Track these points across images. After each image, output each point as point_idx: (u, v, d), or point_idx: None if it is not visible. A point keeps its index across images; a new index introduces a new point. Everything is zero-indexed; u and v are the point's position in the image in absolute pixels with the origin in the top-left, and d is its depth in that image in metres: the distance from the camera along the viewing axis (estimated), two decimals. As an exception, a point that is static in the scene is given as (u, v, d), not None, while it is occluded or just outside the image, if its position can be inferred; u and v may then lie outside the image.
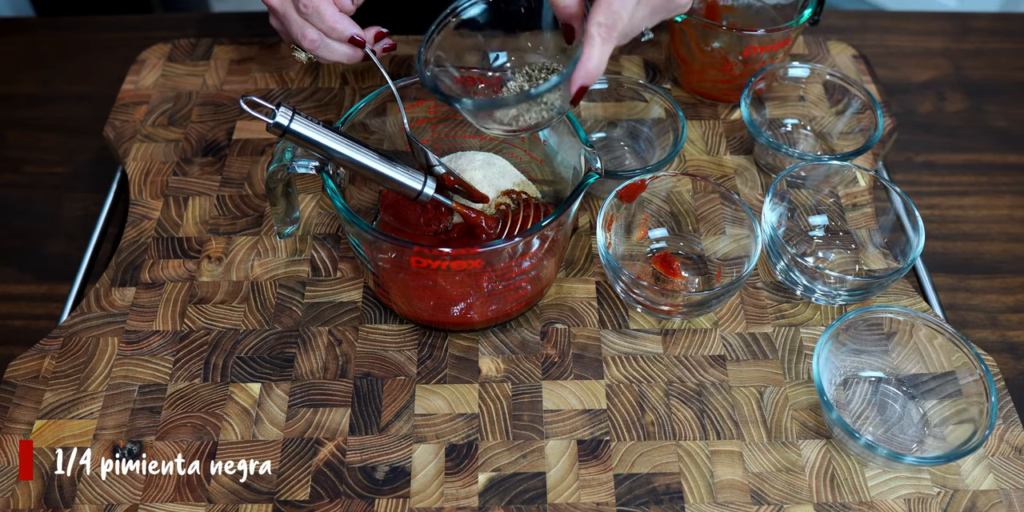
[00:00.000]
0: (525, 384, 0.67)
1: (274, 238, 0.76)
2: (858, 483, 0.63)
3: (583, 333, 0.70)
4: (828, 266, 0.75)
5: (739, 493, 0.62)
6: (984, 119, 0.95)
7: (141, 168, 0.82)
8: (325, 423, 0.65)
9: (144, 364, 0.68)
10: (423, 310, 0.68)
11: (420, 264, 0.60)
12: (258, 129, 0.85)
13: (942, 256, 0.82)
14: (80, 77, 0.98)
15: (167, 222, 0.78)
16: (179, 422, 0.65)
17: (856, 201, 0.77)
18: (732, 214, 0.72)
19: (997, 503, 0.62)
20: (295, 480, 0.63)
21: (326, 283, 0.73)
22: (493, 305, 0.66)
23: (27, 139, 0.92)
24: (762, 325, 0.71)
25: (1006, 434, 0.65)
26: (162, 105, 0.87)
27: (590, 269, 0.74)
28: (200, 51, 0.92)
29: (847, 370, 0.68)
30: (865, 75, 0.91)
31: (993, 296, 0.79)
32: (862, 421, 0.66)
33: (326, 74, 0.90)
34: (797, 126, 0.85)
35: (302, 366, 0.68)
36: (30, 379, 0.68)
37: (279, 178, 0.63)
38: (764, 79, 0.82)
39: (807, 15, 0.81)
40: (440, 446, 0.64)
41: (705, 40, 0.83)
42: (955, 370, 0.65)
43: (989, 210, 0.86)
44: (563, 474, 0.63)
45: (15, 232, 0.85)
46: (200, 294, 0.72)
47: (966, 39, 1.03)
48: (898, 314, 0.66)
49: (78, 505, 0.61)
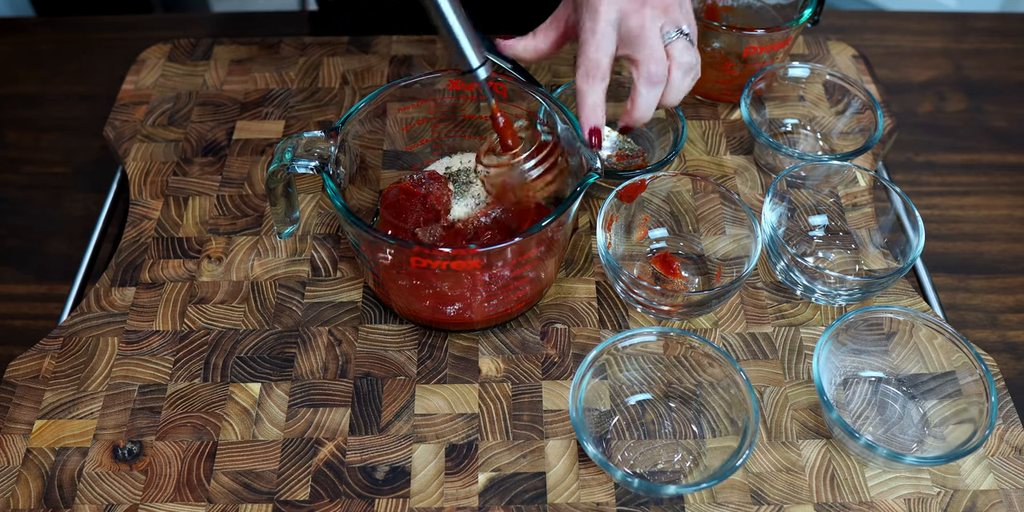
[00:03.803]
0: (525, 384, 0.67)
1: (274, 238, 0.76)
2: (858, 483, 0.63)
3: (583, 333, 0.70)
4: (828, 266, 0.75)
5: (739, 493, 0.62)
6: (984, 119, 0.95)
7: (141, 168, 0.82)
8: (325, 423, 0.65)
9: (144, 364, 0.68)
10: (422, 310, 0.68)
11: (420, 264, 0.60)
12: (258, 129, 0.85)
13: (942, 256, 0.82)
14: (80, 77, 0.98)
15: (167, 222, 0.78)
16: (179, 422, 0.65)
17: (856, 201, 0.77)
18: (732, 214, 0.72)
19: (997, 503, 0.62)
20: (295, 480, 0.63)
21: (326, 283, 0.73)
22: (492, 305, 0.66)
23: (27, 139, 0.92)
24: (762, 325, 0.71)
25: (1006, 434, 0.65)
26: (162, 105, 0.87)
27: (590, 269, 0.74)
28: (200, 51, 0.92)
29: (847, 370, 0.68)
30: (865, 75, 0.91)
31: (993, 296, 0.79)
32: (862, 421, 0.66)
33: (326, 74, 0.90)
34: (797, 126, 0.85)
35: (302, 366, 0.68)
36: (30, 379, 0.68)
37: (279, 178, 0.63)
38: (764, 79, 0.82)
39: (807, 15, 0.81)
40: (440, 446, 0.64)
41: (705, 40, 0.83)
42: (955, 370, 0.65)
43: (989, 210, 0.86)
44: (563, 474, 0.63)
45: (15, 232, 0.85)
46: (200, 294, 0.72)
47: (966, 39, 1.03)
48: (898, 314, 0.66)
49: (78, 505, 0.61)
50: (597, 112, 0.66)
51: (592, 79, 0.65)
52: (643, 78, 0.66)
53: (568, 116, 0.65)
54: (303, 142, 0.62)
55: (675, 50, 0.66)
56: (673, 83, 0.67)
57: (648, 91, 0.67)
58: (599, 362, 0.63)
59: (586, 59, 0.66)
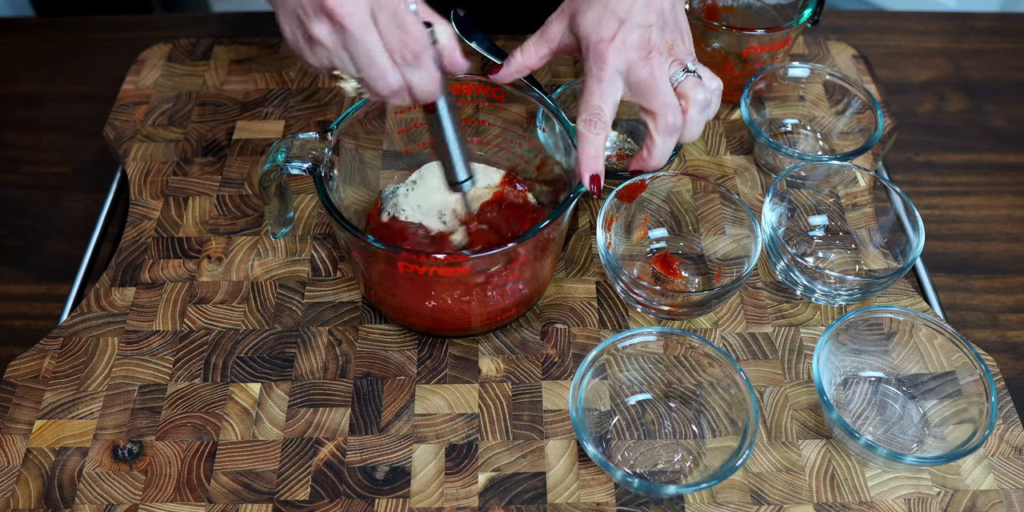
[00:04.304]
0: (525, 384, 0.67)
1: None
2: (858, 483, 0.63)
3: (583, 333, 0.70)
4: (828, 266, 0.75)
5: (739, 493, 0.62)
6: (984, 119, 0.95)
7: (141, 168, 0.82)
8: (325, 423, 0.65)
9: (144, 364, 0.68)
10: (411, 315, 0.67)
11: (408, 269, 0.59)
12: (258, 129, 0.85)
13: (942, 256, 0.82)
14: (80, 77, 0.98)
15: (167, 222, 0.78)
16: (179, 422, 0.65)
17: (856, 201, 0.77)
18: (732, 214, 0.72)
19: (997, 503, 0.62)
20: (295, 480, 0.63)
21: (326, 283, 0.73)
22: (484, 312, 0.66)
23: (27, 139, 0.92)
24: (762, 325, 0.71)
25: (1006, 434, 0.65)
26: (162, 105, 0.87)
27: (590, 269, 0.74)
28: (200, 51, 0.92)
29: (847, 370, 0.68)
30: (865, 75, 0.91)
31: (993, 296, 0.79)
32: (862, 421, 0.66)
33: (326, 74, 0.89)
34: (797, 126, 0.85)
35: (302, 366, 0.68)
36: (30, 379, 0.68)
37: (272, 178, 0.63)
38: (764, 79, 0.82)
39: (807, 15, 0.81)
40: (440, 446, 0.64)
41: (705, 40, 0.83)
42: (955, 370, 0.64)
43: (989, 210, 0.86)
44: (563, 474, 0.63)
45: (15, 232, 0.85)
46: (200, 294, 0.72)
47: (966, 39, 1.03)
48: (898, 314, 0.66)
49: (78, 505, 0.61)
50: (598, 161, 0.64)
51: (594, 127, 0.64)
52: (661, 129, 0.65)
53: (564, 122, 0.65)
54: (297, 143, 0.62)
55: (687, 90, 0.64)
56: (690, 122, 0.65)
57: (664, 140, 0.65)
58: (599, 362, 0.63)
59: (589, 106, 0.64)
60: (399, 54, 0.54)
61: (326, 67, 0.56)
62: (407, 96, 0.56)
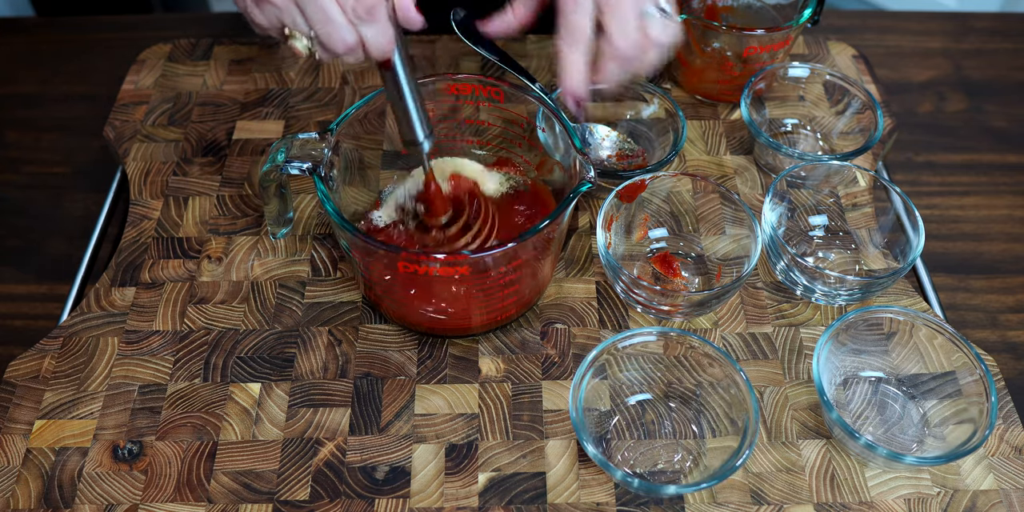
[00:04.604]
0: (525, 384, 0.67)
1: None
2: (858, 483, 0.63)
3: (583, 333, 0.70)
4: (828, 266, 0.75)
5: (739, 493, 0.62)
6: (984, 119, 0.95)
7: (141, 168, 0.82)
8: (325, 423, 0.65)
9: (144, 364, 0.68)
10: (410, 315, 0.67)
11: (407, 269, 0.59)
12: (258, 129, 0.85)
13: (942, 256, 0.82)
14: (80, 77, 0.98)
15: (167, 222, 0.78)
16: (179, 422, 0.65)
17: (856, 201, 0.77)
18: (732, 214, 0.72)
19: (997, 503, 0.62)
20: (295, 480, 0.63)
21: (326, 283, 0.73)
22: (484, 312, 0.66)
23: (27, 139, 0.92)
24: (762, 325, 0.71)
25: (1006, 434, 0.65)
26: (162, 105, 0.87)
27: (590, 269, 0.74)
28: (200, 51, 0.92)
29: (847, 370, 0.68)
30: (865, 75, 0.91)
31: (993, 296, 0.79)
32: (862, 421, 0.66)
33: (326, 74, 0.90)
34: (797, 126, 0.85)
35: (302, 366, 0.68)
36: (30, 379, 0.68)
37: (272, 178, 0.63)
38: (764, 79, 0.82)
39: (807, 15, 0.81)
40: (440, 446, 0.64)
41: (705, 40, 0.83)
42: (955, 370, 0.65)
43: (989, 210, 0.86)
44: (563, 474, 0.63)
45: (15, 232, 0.85)
46: (200, 294, 0.72)
47: (966, 39, 1.03)
48: (898, 314, 0.66)
49: (78, 505, 0.61)
50: (580, 78, 0.62)
51: (575, 42, 0.62)
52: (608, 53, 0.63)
53: (564, 123, 0.65)
54: (297, 143, 0.62)
55: (652, 29, 0.63)
56: (644, 60, 0.64)
57: (615, 66, 0.63)
58: (599, 362, 0.63)
59: (567, 21, 0.62)
60: (352, 9, 0.53)
61: (276, 27, 0.55)
62: (362, 53, 0.55)
